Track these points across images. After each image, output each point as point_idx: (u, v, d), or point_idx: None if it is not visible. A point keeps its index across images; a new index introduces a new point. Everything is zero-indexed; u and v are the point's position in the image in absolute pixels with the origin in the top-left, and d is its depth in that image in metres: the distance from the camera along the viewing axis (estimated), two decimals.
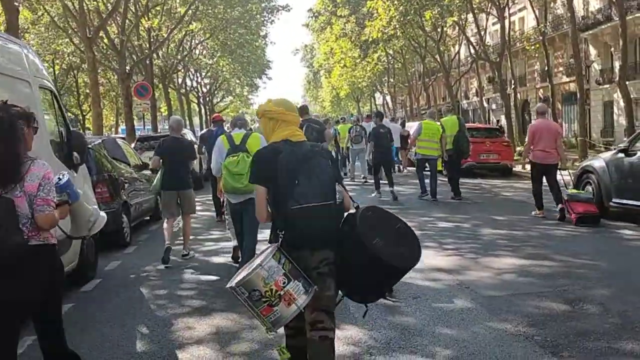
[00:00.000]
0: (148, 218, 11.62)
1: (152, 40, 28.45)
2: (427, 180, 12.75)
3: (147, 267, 7.77)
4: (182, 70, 42.36)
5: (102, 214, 4.29)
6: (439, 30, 35.18)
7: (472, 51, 33.45)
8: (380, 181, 13.81)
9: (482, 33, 31.22)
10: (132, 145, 18.94)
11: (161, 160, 7.85)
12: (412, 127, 16.67)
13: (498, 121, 43.29)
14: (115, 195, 9.09)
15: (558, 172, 9.95)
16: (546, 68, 34.54)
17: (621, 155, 9.23)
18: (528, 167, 12.64)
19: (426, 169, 12.91)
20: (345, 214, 3.49)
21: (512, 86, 33.77)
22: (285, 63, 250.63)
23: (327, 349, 3.36)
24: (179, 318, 5.45)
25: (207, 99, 55.76)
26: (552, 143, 9.70)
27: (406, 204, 12.37)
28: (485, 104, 46.77)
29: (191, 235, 8.58)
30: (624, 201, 9.08)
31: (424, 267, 6.79)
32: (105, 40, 24.07)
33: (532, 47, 34.54)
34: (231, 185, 5.97)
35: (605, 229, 8.87)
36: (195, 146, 12.59)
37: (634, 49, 30.60)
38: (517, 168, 18.78)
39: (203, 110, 54.98)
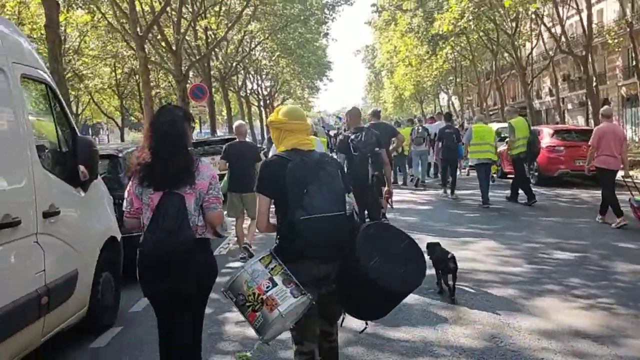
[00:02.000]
0: None
1: (209, 40, 27.30)
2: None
3: None
4: (242, 72, 41.29)
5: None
6: (512, 24, 32.59)
7: (550, 45, 30.71)
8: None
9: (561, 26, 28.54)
10: None
11: (227, 164, 8.21)
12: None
13: (557, 123, 39.94)
14: None
15: (622, 178, 9.72)
16: (633, 63, 31.54)
17: None
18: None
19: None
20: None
21: (594, 84, 30.90)
22: (347, 64, 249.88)
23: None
24: None
25: (268, 101, 54.68)
26: (619, 148, 9.43)
27: (498, 223, 10.31)
28: (561, 104, 43.70)
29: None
30: None
31: (557, 327, 4.85)
32: (162, 42, 23.00)
33: (615, 41, 31.44)
34: None
35: None
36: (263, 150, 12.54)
37: None
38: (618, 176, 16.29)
39: (264, 114, 53.97)
